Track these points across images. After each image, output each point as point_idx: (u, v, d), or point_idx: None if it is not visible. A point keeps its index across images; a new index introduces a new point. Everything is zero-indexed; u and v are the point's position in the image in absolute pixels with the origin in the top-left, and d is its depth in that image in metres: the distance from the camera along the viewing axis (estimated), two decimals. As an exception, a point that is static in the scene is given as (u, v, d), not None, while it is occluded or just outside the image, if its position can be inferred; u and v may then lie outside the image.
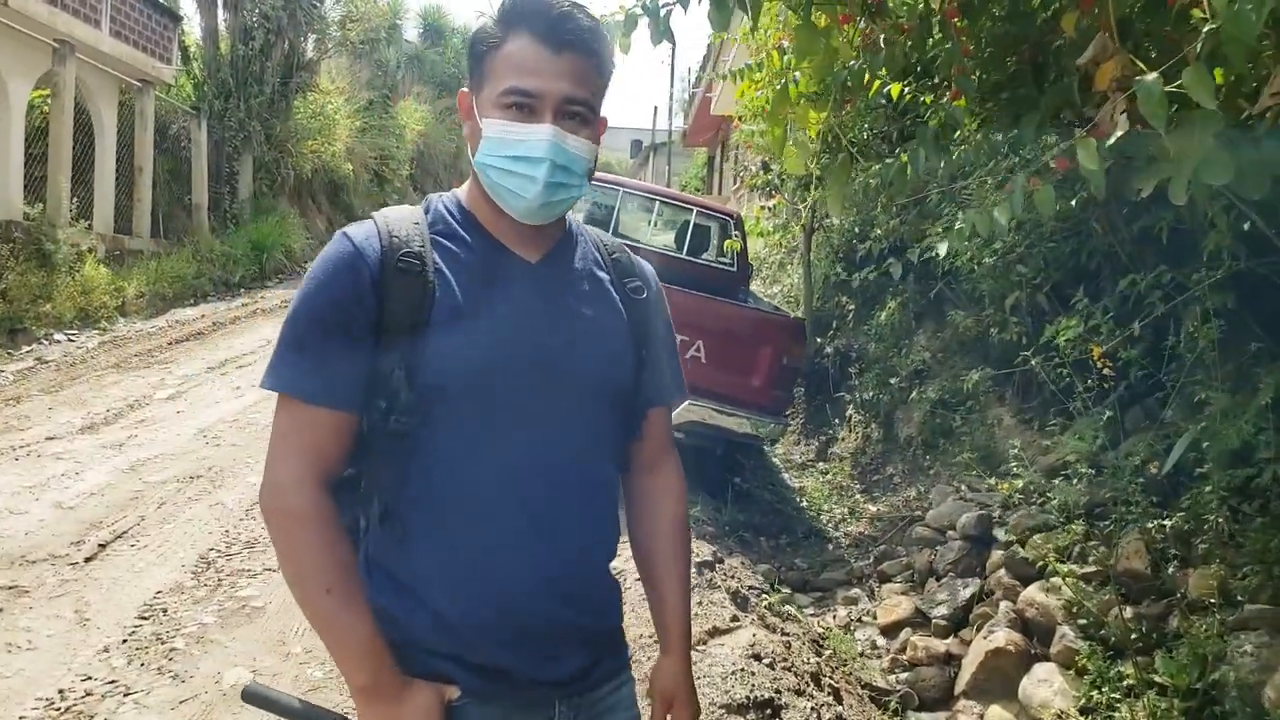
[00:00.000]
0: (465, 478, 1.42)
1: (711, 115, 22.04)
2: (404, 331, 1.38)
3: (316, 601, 1.37)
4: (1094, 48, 2.61)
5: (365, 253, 1.41)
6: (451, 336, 1.39)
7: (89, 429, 6.98)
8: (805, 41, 3.71)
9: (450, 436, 1.42)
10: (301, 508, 1.38)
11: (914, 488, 6.81)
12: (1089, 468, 4.57)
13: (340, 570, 1.38)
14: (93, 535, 5.02)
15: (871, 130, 7.12)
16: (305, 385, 1.38)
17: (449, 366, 1.39)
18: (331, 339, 1.38)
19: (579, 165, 1.45)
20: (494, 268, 1.48)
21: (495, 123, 1.43)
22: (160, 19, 14.06)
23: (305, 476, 1.38)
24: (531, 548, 1.44)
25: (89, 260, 11.15)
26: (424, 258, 1.43)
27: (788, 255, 12.48)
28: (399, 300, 1.39)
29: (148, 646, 3.99)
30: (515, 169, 1.42)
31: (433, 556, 1.44)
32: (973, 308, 6.70)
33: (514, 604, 1.44)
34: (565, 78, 1.41)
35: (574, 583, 1.49)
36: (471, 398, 1.41)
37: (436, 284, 1.42)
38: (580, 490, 1.49)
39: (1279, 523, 3.66)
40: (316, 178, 20.05)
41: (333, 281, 1.40)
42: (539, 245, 1.53)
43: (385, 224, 1.45)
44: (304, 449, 1.39)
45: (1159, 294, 4.29)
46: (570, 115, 1.43)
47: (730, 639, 3.88)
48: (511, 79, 1.41)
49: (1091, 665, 3.78)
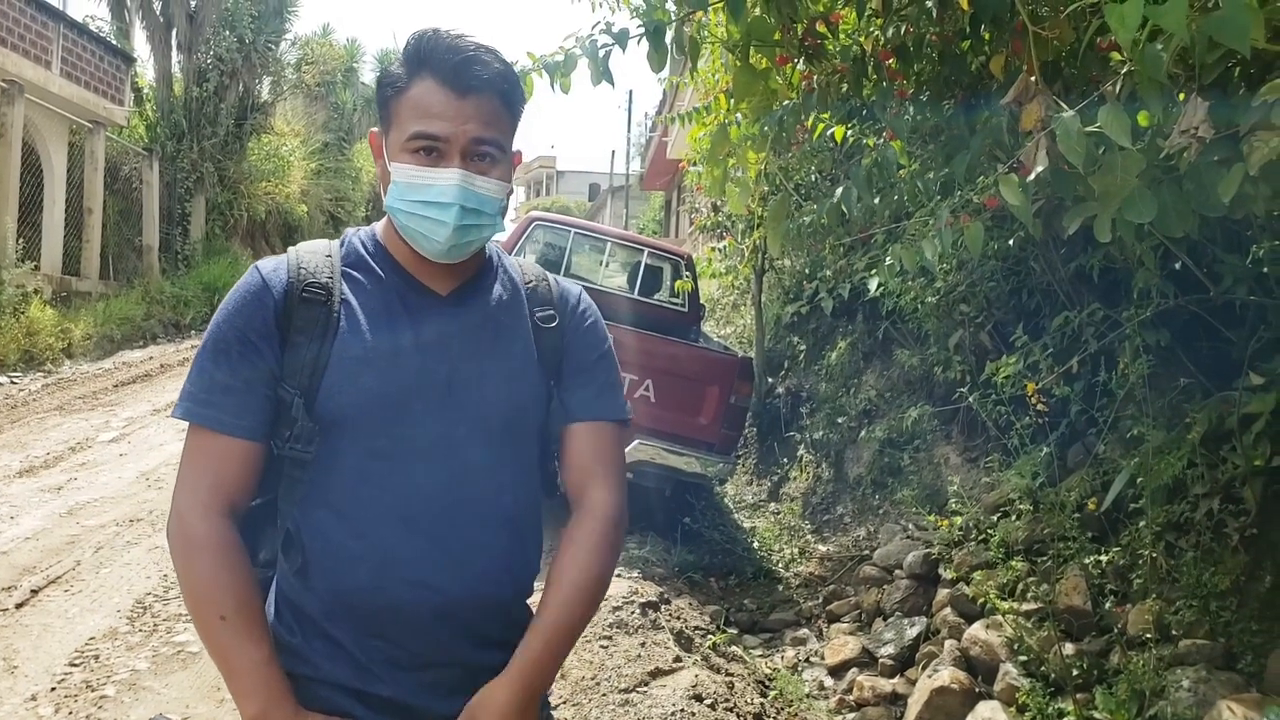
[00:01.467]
0: (362, 507, 1.42)
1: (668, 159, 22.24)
2: (306, 361, 1.40)
3: (211, 628, 1.37)
4: (1016, 89, 2.66)
5: (271, 284, 1.43)
6: (351, 367, 1.40)
7: (27, 472, 6.84)
8: (744, 82, 3.77)
9: (347, 466, 1.42)
10: (201, 534, 1.38)
11: (863, 527, 6.82)
12: (1029, 504, 4.60)
13: (236, 598, 1.37)
14: (25, 580, 4.90)
15: (819, 172, 7.23)
16: (209, 414, 1.40)
17: (346, 397, 1.40)
18: (236, 369, 1.40)
19: (490, 205, 1.45)
20: (401, 300, 1.48)
21: (403, 167, 1.43)
22: (113, 60, 14.01)
23: (208, 504, 1.39)
24: (430, 579, 1.42)
25: (35, 301, 11.00)
26: (330, 289, 1.44)
27: (740, 296, 12.56)
28: (301, 330, 1.41)
29: (77, 694, 3.89)
30: (425, 213, 1.42)
31: (330, 586, 1.43)
32: (918, 347, 6.76)
33: (412, 637, 1.42)
34: (471, 120, 1.41)
35: (479, 617, 1.46)
36: (368, 427, 1.41)
37: (341, 315, 1.43)
38: (484, 522, 1.47)
39: (1213, 558, 3.70)
40: (270, 219, 19.98)
41: (239, 312, 1.42)
42: (451, 279, 1.52)
43: (296, 257, 1.48)
44: (207, 477, 1.40)
45: (1093, 331, 4.36)
46: (479, 156, 1.43)
47: (671, 680, 3.84)
48: (417, 124, 1.41)
49: (1032, 702, 3.78)
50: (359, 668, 1.41)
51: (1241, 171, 2.21)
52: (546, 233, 8.42)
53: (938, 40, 3.62)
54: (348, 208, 24.10)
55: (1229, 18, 1.94)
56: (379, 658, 1.42)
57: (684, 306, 8.38)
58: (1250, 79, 2.66)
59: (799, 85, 3.90)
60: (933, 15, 3.45)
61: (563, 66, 3.37)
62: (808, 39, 3.63)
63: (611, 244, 8.88)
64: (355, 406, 1.40)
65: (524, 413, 1.53)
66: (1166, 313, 4.03)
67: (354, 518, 1.42)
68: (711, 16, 3.80)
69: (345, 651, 1.42)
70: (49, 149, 12.92)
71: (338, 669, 1.42)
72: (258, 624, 1.39)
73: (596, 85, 3.42)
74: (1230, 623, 3.60)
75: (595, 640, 4.23)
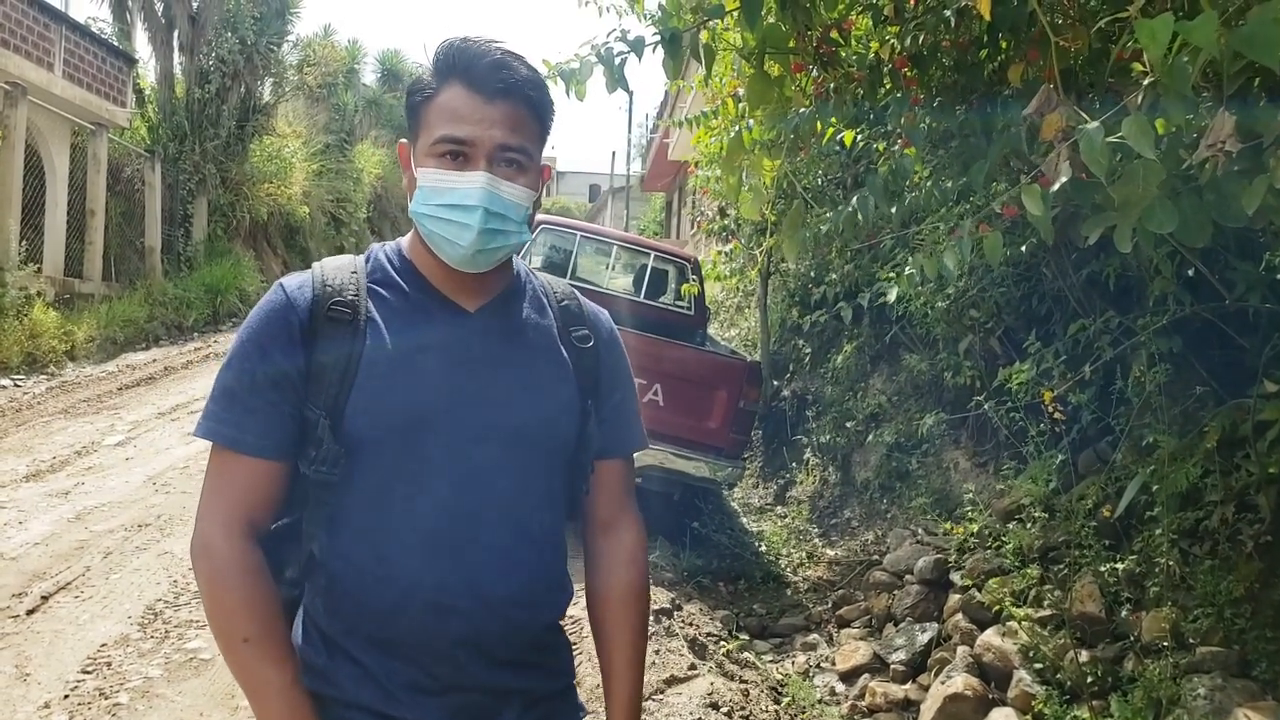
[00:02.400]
0: (385, 529, 1.41)
1: (669, 161, 22.28)
2: (332, 380, 1.39)
3: (234, 650, 1.37)
4: (1038, 99, 2.66)
5: (296, 302, 1.42)
6: (377, 385, 1.39)
7: (34, 476, 6.83)
8: (759, 90, 3.77)
9: (373, 486, 1.41)
10: (224, 556, 1.38)
11: (872, 531, 6.82)
12: (1043, 511, 4.61)
13: (259, 620, 1.37)
14: (35, 587, 4.89)
15: (826, 177, 7.23)
16: (232, 434, 1.39)
17: (372, 416, 1.39)
18: (261, 388, 1.39)
19: (515, 212, 1.43)
20: (428, 317, 1.46)
21: (429, 171, 1.42)
22: (115, 62, 14.00)
23: (231, 524, 1.39)
24: (453, 603, 1.40)
25: (38, 304, 10.97)
26: (356, 306, 1.43)
27: (745, 299, 12.56)
28: (327, 349, 1.40)
29: (90, 702, 3.88)
30: (450, 216, 1.40)
31: (352, 609, 1.42)
32: (927, 352, 6.76)
33: (435, 661, 1.40)
34: (499, 125, 1.40)
35: (504, 641, 1.44)
36: (394, 447, 1.40)
37: (368, 332, 1.42)
38: (511, 544, 1.45)
39: (1228, 565, 3.71)
40: (272, 221, 19.94)
41: (264, 331, 1.41)
42: (479, 294, 1.50)
43: (321, 273, 1.46)
44: (231, 497, 1.40)
45: (1107, 339, 4.36)
46: (506, 163, 1.42)
47: (687, 688, 3.85)
48: (444, 128, 1.40)
49: (1048, 710, 3.78)
50: (384, 691, 1.40)
51: (1265, 183, 2.21)
52: (552, 236, 8.42)
53: (953, 48, 3.62)
54: (349, 209, 24.05)
55: (1258, 32, 1.94)
56: (402, 681, 1.40)
57: (690, 310, 8.37)
58: (1271, 89, 2.66)
59: (812, 93, 3.90)
60: (950, 23, 3.45)
61: (578, 74, 3.37)
62: (822, 46, 3.63)
63: (617, 247, 8.88)
64: (382, 427, 1.39)
65: (554, 429, 1.50)
66: (1180, 320, 4.04)
67: (377, 540, 1.41)
68: (727, 24, 3.79)
69: (370, 674, 1.40)
70: (51, 151, 12.90)
71: (363, 692, 1.40)
72: (281, 646, 1.39)
73: (612, 93, 3.42)
74: (1245, 630, 3.61)
75: (609, 647, 4.22)
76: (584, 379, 1.55)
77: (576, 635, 4.57)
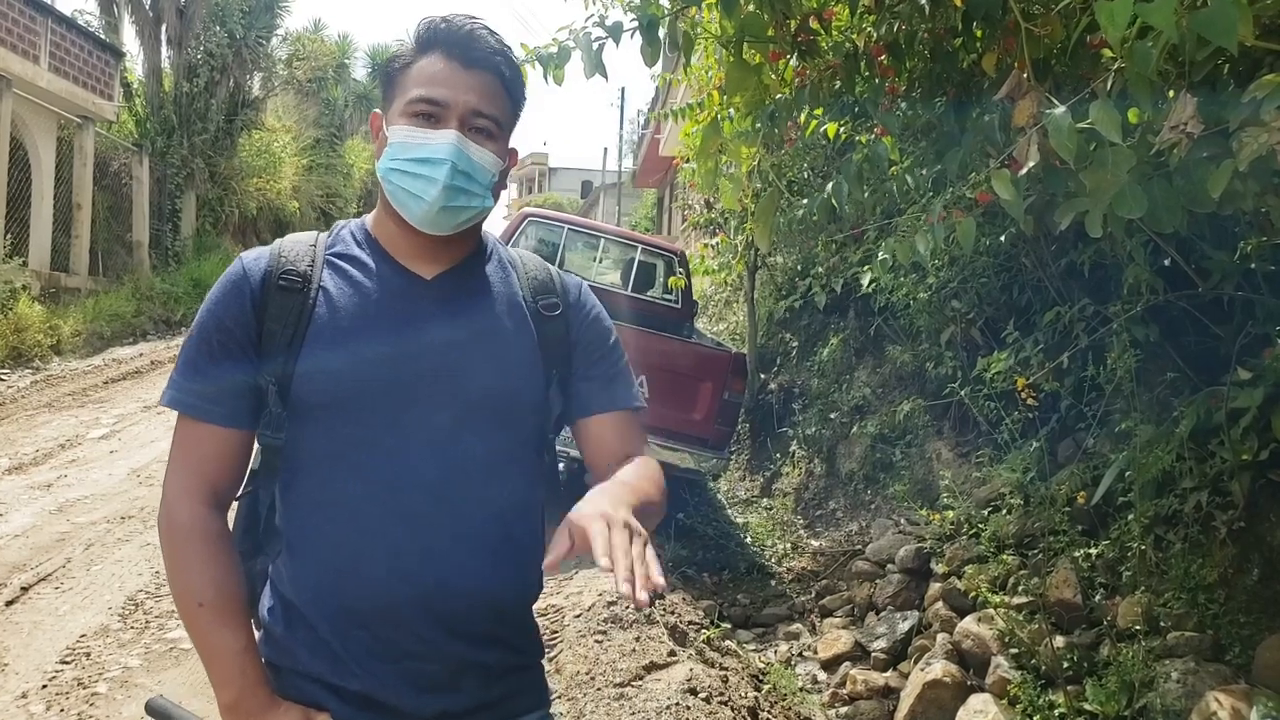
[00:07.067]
0: (337, 496, 1.42)
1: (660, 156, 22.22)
2: (281, 348, 1.41)
3: (191, 614, 1.39)
4: (1009, 84, 2.68)
5: (251, 273, 1.45)
6: (322, 353, 1.41)
7: (16, 469, 6.82)
8: (737, 77, 3.78)
9: (323, 452, 1.43)
10: (183, 521, 1.40)
11: (856, 522, 6.84)
12: (1020, 499, 4.63)
13: (216, 585, 1.39)
14: (15, 578, 4.89)
15: (811, 169, 7.25)
16: (191, 402, 1.42)
17: (317, 383, 1.41)
18: (219, 358, 1.42)
19: (481, 175, 1.44)
20: (384, 285, 1.47)
21: (400, 128, 1.44)
22: (102, 55, 13.94)
23: (191, 491, 1.42)
24: (407, 569, 1.40)
25: (23, 298, 10.95)
26: (308, 276, 1.45)
27: (733, 293, 12.57)
28: (276, 318, 1.42)
29: (68, 691, 3.88)
30: (417, 170, 1.41)
31: (310, 573, 1.43)
32: (910, 343, 6.78)
33: (392, 628, 1.40)
34: (473, 91, 1.43)
35: (461, 610, 1.43)
36: (343, 415, 1.41)
37: (317, 302, 1.44)
38: (469, 513, 1.44)
39: (1201, 551, 3.73)
40: (261, 215, 19.93)
41: (220, 302, 1.45)
42: (437, 262, 1.50)
43: (279, 247, 1.50)
44: (192, 465, 1.43)
45: (1083, 326, 4.38)
46: (476, 129, 1.44)
47: (666, 674, 3.86)
48: (419, 89, 1.43)
49: (1023, 695, 3.80)
50: (336, 660, 1.41)
51: (1231, 167, 2.23)
52: (540, 229, 8.42)
53: (929, 37, 3.64)
54: (339, 204, 24.05)
55: (1217, 15, 1.95)
56: (359, 649, 1.40)
57: (677, 303, 8.39)
58: (1239, 75, 2.68)
59: (791, 81, 3.90)
60: (925, 12, 3.46)
61: (556, 58, 3.37)
62: (800, 35, 3.64)
63: (605, 240, 8.88)
64: (327, 394, 1.40)
65: (515, 398, 1.49)
66: (1155, 308, 4.06)
67: (330, 506, 1.42)
68: (705, 13, 3.80)
69: (325, 643, 1.41)
70: (37, 144, 12.85)
71: (316, 661, 1.42)
72: (236, 612, 1.41)
73: (590, 78, 3.44)
74: (1218, 615, 3.63)
75: (590, 635, 4.24)
76: (550, 348, 1.54)
77: (557, 624, 4.59)
